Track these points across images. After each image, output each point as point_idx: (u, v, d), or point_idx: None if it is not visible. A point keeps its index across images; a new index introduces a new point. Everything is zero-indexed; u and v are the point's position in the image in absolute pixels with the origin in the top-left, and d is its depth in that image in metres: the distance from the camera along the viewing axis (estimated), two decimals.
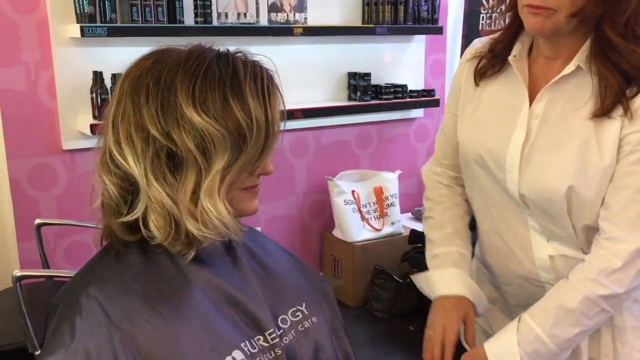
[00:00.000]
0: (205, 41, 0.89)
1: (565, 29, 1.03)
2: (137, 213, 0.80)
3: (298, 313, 0.93)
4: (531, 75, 1.14)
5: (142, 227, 0.81)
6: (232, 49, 0.88)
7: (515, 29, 1.15)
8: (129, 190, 0.81)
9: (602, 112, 1.03)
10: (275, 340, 0.86)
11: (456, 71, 1.30)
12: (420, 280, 1.27)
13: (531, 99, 1.12)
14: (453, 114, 1.27)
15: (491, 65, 1.19)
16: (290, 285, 0.95)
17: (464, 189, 1.31)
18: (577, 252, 1.12)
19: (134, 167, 0.78)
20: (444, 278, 1.22)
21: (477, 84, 1.22)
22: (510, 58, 1.15)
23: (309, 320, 0.93)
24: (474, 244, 1.33)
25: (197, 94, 0.78)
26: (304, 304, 0.94)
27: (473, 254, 1.31)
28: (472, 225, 1.33)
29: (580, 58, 1.06)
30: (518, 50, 1.15)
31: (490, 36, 1.23)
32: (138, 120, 0.79)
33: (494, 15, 3.45)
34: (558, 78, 1.08)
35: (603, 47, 1.03)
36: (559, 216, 1.09)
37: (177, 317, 0.79)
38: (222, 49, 0.86)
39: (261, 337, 0.85)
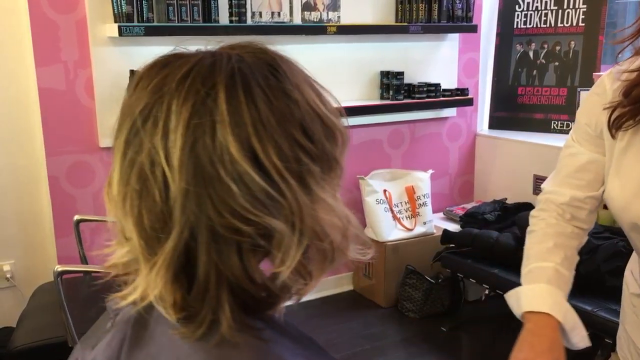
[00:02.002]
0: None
1: None
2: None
3: None
4: None
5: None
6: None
7: None
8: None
9: None
10: None
11: (593, 100, 1.11)
12: (510, 297, 1.10)
13: None
14: (587, 142, 1.10)
15: (632, 115, 1.00)
16: None
17: (586, 211, 1.12)
18: None
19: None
20: (532, 293, 1.05)
21: (613, 136, 1.04)
22: None
23: None
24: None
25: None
26: None
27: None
28: None
29: None
30: None
31: (621, 71, 1.04)
32: None
33: (529, 13, 3.40)
34: None
35: None
36: None
37: None
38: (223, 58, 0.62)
39: None
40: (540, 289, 1.04)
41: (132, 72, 2.50)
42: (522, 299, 1.05)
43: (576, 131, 1.14)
